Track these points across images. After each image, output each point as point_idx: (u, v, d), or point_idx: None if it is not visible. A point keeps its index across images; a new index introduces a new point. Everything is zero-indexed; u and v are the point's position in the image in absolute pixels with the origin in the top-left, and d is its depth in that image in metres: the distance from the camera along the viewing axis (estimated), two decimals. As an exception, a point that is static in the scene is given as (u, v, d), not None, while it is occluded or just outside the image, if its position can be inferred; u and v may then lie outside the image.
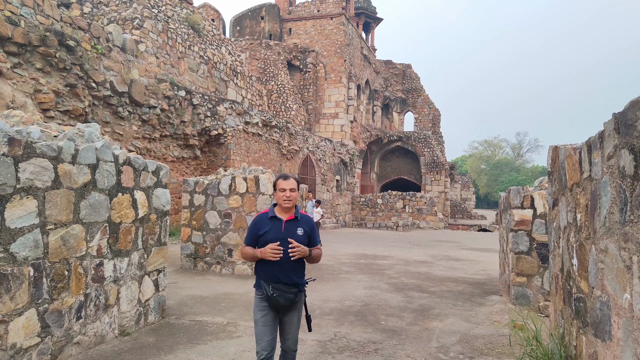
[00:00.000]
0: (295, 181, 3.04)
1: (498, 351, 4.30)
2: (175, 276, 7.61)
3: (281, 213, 3.02)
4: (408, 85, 35.99)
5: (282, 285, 2.89)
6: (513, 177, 65.21)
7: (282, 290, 2.88)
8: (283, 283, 2.90)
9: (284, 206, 2.99)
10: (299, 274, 2.99)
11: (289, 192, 2.97)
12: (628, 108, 1.89)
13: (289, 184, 2.99)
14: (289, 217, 3.01)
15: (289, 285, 2.91)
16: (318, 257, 3.12)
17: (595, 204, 2.37)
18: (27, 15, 9.25)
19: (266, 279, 2.92)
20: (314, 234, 3.11)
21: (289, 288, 2.90)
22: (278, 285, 2.89)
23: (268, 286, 2.89)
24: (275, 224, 2.98)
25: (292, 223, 3.00)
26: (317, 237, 3.16)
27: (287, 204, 2.98)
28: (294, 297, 2.93)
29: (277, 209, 3.05)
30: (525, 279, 6.11)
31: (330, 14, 28.22)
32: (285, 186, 2.99)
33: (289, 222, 2.99)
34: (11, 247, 3.17)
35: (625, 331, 1.91)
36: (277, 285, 2.89)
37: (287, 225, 2.97)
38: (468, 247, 14.76)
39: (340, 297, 6.48)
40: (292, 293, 2.91)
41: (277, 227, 2.96)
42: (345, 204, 25.36)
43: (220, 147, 15.01)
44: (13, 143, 3.18)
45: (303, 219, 3.08)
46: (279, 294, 2.87)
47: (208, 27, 19.15)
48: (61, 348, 3.63)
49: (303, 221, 3.06)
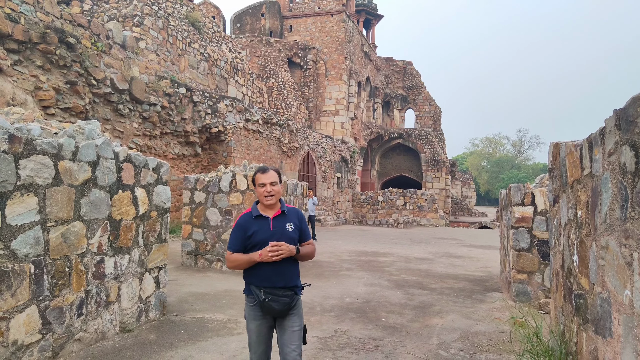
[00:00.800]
0: (276, 173, 2.76)
1: (498, 348, 4.30)
2: (176, 273, 7.62)
3: (266, 210, 2.75)
4: (409, 82, 35.92)
5: (276, 289, 2.62)
6: (514, 174, 65.18)
7: (275, 295, 2.61)
8: (277, 287, 2.63)
9: (265, 203, 2.72)
10: (293, 275, 2.74)
11: (270, 187, 2.70)
12: (629, 104, 1.88)
13: (268, 177, 2.71)
14: (275, 214, 2.75)
15: (283, 289, 2.64)
16: (310, 253, 2.82)
17: (596, 200, 2.36)
18: (27, 12, 9.23)
19: (258, 284, 2.65)
20: (304, 225, 2.85)
21: (283, 291, 2.64)
22: (271, 289, 2.62)
23: (259, 291, 2.62)
24: (261, 223, 2.71)
25: (280, 219, 2.74)
26: (307, 229, 2.89)
27: (270, 200, 2.71)
28: (290, 300, 2.65)
29: (260, 206, 2.77)
30: (526, 276, 6.11)
31: (331, 11, 28.15)
32: (264, 180, 2.71)
33: (276, 218, 2.73)
34: (12, 244, 3.18)
35: (625, 328, 1.91)
36: (270, 289, 2.62)
37: (275, 223, 2.71)
38: (469, 244, 14.76)
39: (340, 294, 6.49)
40: (287, 297, 2.64)
41: (264, 226, 2.70)
42: (346, 201, 25.36)
43: (221, 145, 15.01)
44: (13, 140, 3.18)
45: (290, 212, 2.81)
46: (272, 298, 2.60)
47: (208, 24, 19.11)
48: (62, 345, 3.64)
49: (291, 215, 2.80)
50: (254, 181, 2.76)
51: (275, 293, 2.61)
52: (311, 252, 2.82)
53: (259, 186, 2.73)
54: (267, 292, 2.61)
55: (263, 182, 2.71)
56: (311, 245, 2.85)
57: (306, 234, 2.84)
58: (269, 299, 2.60)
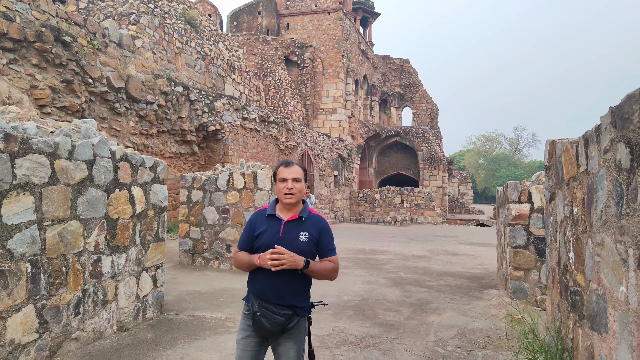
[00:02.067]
0: (301, 169, 2.39)
1: (495, 345, 4.32)
2: (174, 272, 7.61)
3: (283, 211, 2.38)
4: (406, 80, 35.92)
5: (272, 305, 2.25)
6: (511, 171, 65.32)
7: (269, 310, 2.23)
8: (273, 302, 2.25)
9: (285, 202, 2.34)
10: (297, 292, 2.31)
11: (292, 183, 2.32)
12: (624, 101, 1.89)
13: (291, 172, 2.34)
14: (291, 217, 2.35)
15: (280, 306, 2.25)
16: (328, 272, 2.32)
17: (592, 197, 2.37)
18: (23, 10, 9.18)
19: (255, 293, 2.32)
20: (326, 239, 2.37)
21: (280, 308, 2.24)
22: (266, 303, 2.26)
23: (255, 301, 2.28)
24: (272, 224, 2.35)
25: (294, 225, 2.33)
26: (330, 244, 2.39)
27: (290, 198, 2.33)
28: (285, 321, 2.24)
29: (278, 205, 2.42)
30: (523, 273, 6.13)
31: (328, 9, 28.11)
32: (286, 175, 2.34)
33: (290, 223, 2.34)
34: (8, 244, 3.17)
35: (621, 324, 1.92)
36: (265, 303, 2.26)
37: (286, 228, 2.32)
38: (466, 241, 14.80)
39: (338, 292, 6.50)
40: (282, 316, 2.23)
41: (274, 228, 2.33)
42: (344, 200, 25.37)
43: (218, 143, 14.98)
44: (9, 139, 3.17)
45: (311, 220, 2.38)
46: (264, 313, 2.23)
47: (205, 23, 19.05)
48: (59, 344, 3.63)
49: (310, 223, 2.36)
50: (275, 176, 2.40)
51: (270, 309, 2.24)
52: (329, 270, 2.33)
53: (279, 181, 2.36)
54: (262, 306, 2.26)
55: (284, 177, 2.34)
56: (332, 263, 2.35)
57: (327, 250, 2.37)
58: (261, 313, 2.24)
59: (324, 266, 2.32)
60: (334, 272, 2.35)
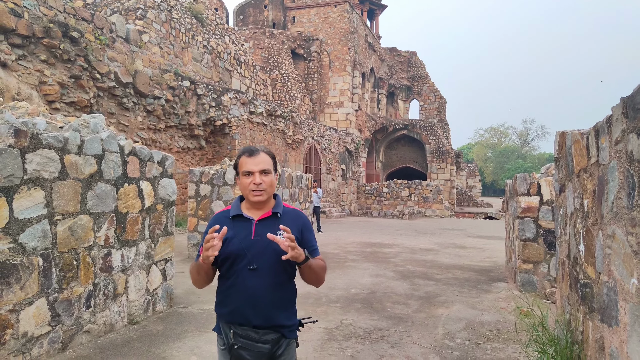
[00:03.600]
0: (269, 156, 1.91)
1: (504, 337, 4.31)
2: (183, 265, 7.67)
3: (251, 210, 1.91)
4: (413, 72, 35.71)
5: (252, 331, 1.78)
6: (519, 164, 64.89)
7: (250, 339, 1.77)
8: (253, 326, 1.78)
9: (253, 200, 1.86)
10: (284, 307, 1.85)
11: (260, 177, 1.84)
12: (636, 92, 1.87)
13: (257, 162, 1.85)
14: (263, 215, 1.89)
15: (263, 329, 1.78)
16: (322, 269, 1.91)
17: (603, 189, 2.35)
18: (30, 6, 9.23)
19: (228, 318, 1.83)
20: (309, 237, 1.94)
21: (263, 333, 1.78)
22: (244, 330, 1.78)
23: (229, 331, 1.82)
24: (240, 226, 1.87)
25: (268, 224, 1.86)
26: (314, 242, 1.95)
27: (259, 196, 1.85)
28: (271, 349, 1.78)
29: (244, 203, 1.95)
30: (532, 265, 6.11)
31: (334, 1, 27.94)
32: (252, 167, 1.84)
33: (262, 222, 1.87)
34: (20, 238, 3.21)
35: (632, 316, 1.91)
36: (243, 329, 1.78)
37: (259, 229, 1.84)
38: (474, 234, 14.75)
39: (346, 285, 6.52)
40: (267, 342, 1.78)
41: (243, 231, 1.85)
42: (351, 193, 25.37)
43: (225, 137, 15.02)
44: (19, 134, 3.20)
45: (288, 216, 1.92)
46: (243, 344, 1.76)
47: (211, 17, 19.04)
48: (71, 336, 3.69)
49: (288, 220, 1.88)
50: (237, 168, 1.90)
51: (250, 337, 1.77)
52: (323, 268, 1.94)
53: (243, 175, 1.86)
54: (238, 335, 1.78)
55: (250, 170, 1.85)
56: (323, 262, 1.96)
57: (313, 249, 1.92)
58: (239, 345, 1.77)
59: (319, 263, 1.89)
60: (325, 273, 1.96)
